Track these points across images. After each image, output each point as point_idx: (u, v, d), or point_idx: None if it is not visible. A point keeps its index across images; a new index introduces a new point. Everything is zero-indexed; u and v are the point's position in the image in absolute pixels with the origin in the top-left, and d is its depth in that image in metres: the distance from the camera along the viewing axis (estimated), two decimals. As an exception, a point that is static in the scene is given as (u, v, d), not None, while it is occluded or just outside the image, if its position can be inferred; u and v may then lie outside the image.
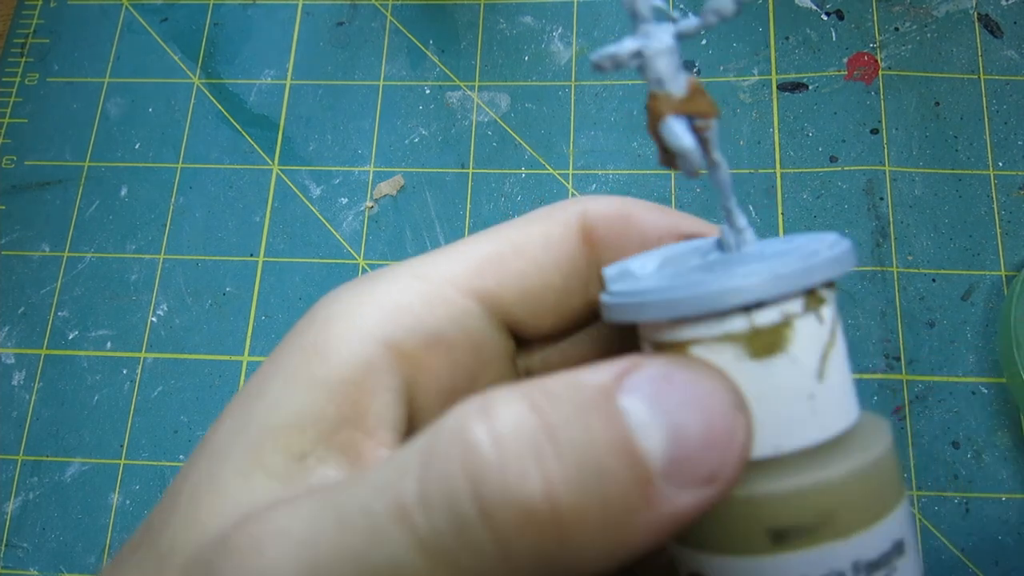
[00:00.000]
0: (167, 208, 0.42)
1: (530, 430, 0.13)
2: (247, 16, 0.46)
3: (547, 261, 0.18)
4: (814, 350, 0.15)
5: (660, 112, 0.16)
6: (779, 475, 0.15)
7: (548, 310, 0.19)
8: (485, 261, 0.18)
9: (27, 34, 0.46)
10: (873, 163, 0.40)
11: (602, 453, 0.13)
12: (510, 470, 0.13)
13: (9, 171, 0.43)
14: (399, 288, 0.18)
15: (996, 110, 0.40)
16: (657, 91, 0.16)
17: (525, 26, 0.44)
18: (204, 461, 0.16)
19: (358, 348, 0.16)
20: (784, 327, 0.15)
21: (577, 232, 0.19)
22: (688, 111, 0.16)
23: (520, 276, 0.18)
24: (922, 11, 0.42)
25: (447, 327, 0.17)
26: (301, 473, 0.15)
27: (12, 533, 0.37)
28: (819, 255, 0.15)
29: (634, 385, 0.14)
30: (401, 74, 0.44)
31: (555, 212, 0.19)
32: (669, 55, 0.16)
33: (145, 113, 0.44)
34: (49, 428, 0.39)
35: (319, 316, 0.17)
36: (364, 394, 0.16)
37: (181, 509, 0.15)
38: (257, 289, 0.41)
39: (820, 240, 0.16)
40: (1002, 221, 0.39)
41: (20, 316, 0.41)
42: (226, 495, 0.15)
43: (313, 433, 0.16)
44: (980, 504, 0.35)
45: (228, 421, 0.16)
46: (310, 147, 0.43)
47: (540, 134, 0.42)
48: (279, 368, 0.17)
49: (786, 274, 0.14)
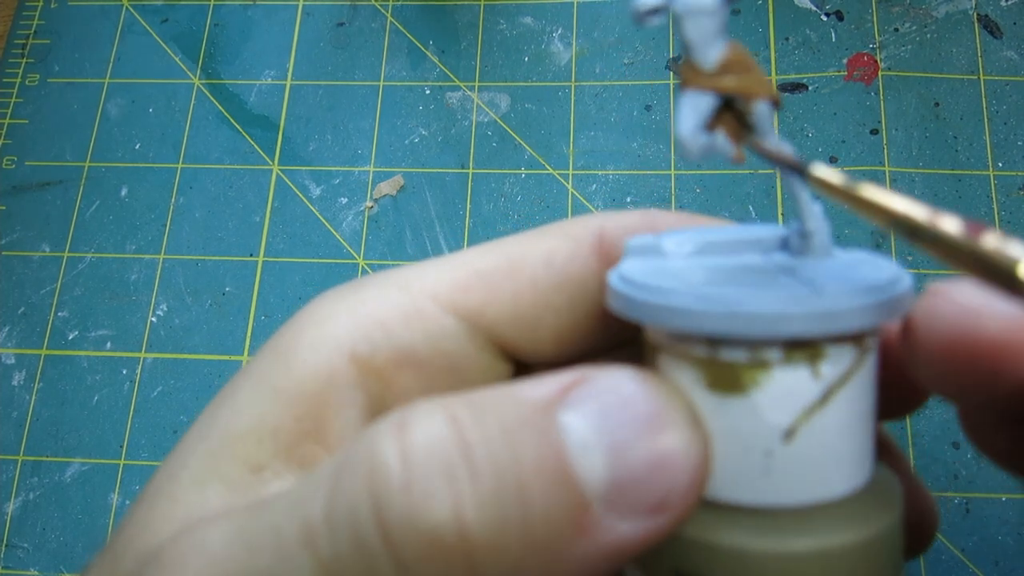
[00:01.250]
0: (167, 208, 0.42)
1: (444, 448, 0.12)
2: (247, 17, 0.46)
3: (547, 281, 0.17)
4: (788, 407, 0.13)
5: (684, 82, 0.14)
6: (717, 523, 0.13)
7: (547, 333, 0.17)
8: (475, 276, 0.17)
9: (28, 35, 0.46)
10: (873, 164, 0.40)
11: (527, 475, 0.12)
12: (415, 491, 0.12)
13: (9, 171, 0.44)
14: (378, 299, 0.16)
15: (996, 111, 0.40)
16: (686, 57, 0.14)
17: (525, 26, 0.44)
18: (168, 466, 0.15)
19: (323, 360, 0.15)
20: (751, 369, 0.13)
21: (591, 249, 0.17)
22: (720, 88, 0.13)
23: (513, 295, 0.17)
24: (922, 12, 0.42)
25: (421, 344, 0.16)
26: (255, 485, 0.14)
27: (12, 533, 0.37)
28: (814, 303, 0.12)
29: (579, 399, 0.12)
30: (401, 74, 0.44)
31: (568, 227, 0.18)
32: (704, 17, 0.13)
33: (145, 113, 0.44)
34: (49, 428, 0.39)
35: (299, 321, 0.16)
36: (326, 408, 0.15)
37: (139, 514, 0.15)
38: (257, 289, 0.41)
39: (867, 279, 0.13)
40: (1002, 222, 0.39)
41: (20, 316, 0.41)
42: (180, 503, 0.14)
43: (271, 444, 0.15)
44: (980, 504, 0.35)
45: (196, 426, 0.16)
46: (310, 147, 0.43)
47: (540, 134, 0.42)
48: (251, 373, 0.16)
49: (754, 314, 0.12)
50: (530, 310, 0.17)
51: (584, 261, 0.17)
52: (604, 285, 0.17)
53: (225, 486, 0.14)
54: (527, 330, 0.17)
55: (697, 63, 0.13)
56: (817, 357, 0.13)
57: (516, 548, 0.12)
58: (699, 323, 0.12)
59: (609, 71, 0.43)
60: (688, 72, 0.13)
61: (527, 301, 0.17)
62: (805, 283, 0.13)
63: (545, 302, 0.17)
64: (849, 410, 0.13)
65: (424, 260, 0.18)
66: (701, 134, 0.14)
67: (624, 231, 0.17)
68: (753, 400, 0.13)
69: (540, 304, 0.17)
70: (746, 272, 0.14)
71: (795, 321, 0.12)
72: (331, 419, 0.15)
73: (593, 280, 0.17)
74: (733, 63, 0.13)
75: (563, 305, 0.17)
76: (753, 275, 0.14)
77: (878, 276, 0.13)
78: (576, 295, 0.17)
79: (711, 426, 0.13)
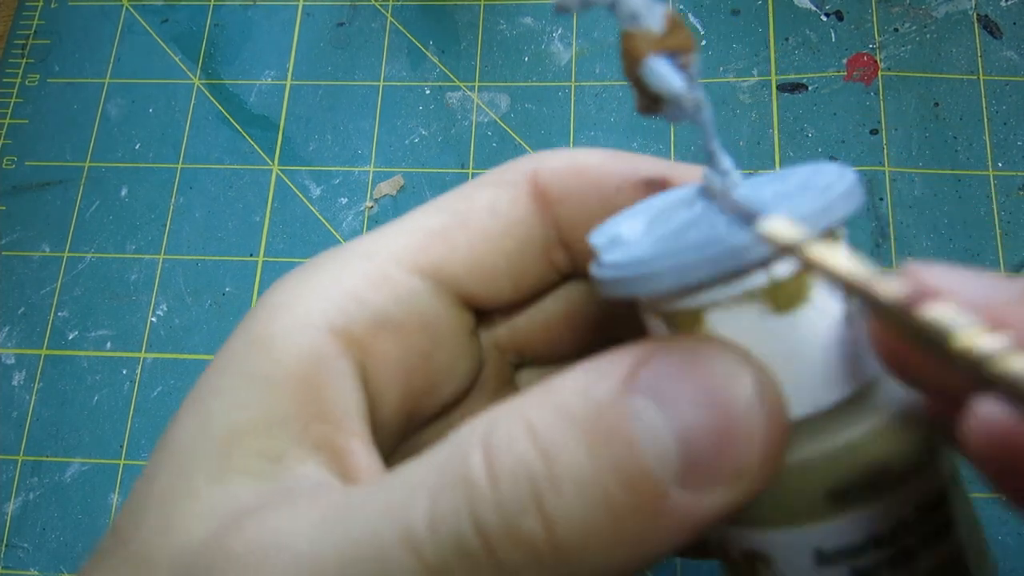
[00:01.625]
0: (167, 208, 0.42)
1: (526, 462, 0.13)
2: (247, 17, 0.46)
3: (496, 228, 0.18)
4: (836, 295, 0.14)
5: (639, 52, 0.14)
6: (825, 433, 0.14)
7: (504, 279, 0.18)
8: (430, 235, 0.17)
9: (28, 35, 0.46)
10: (872, 164, 0.40)
11: (605, 476, 0.12)
12: (507, 506, 0.12)
13: (10, 172, 0.44)
14: (344, 272, 0.17)
15: (996, 111, 0.40)
16: (632, 29, 0.14)
17: (525, 27, 0.44)
18: (169, 465, 0.15)
19: (306, 340, 0.16)
20: (804, 275, 0.14)
21: (528, 193, 0.18)
22: (670, 47, 0.14)
23: (468, 247, 0.17)
24: (921, 12, 0.42)
25: (394, 308, 0.17)
26: (281, 473, 0.15)
27: (12, 533, 0.37)
28: (833, 189, 0.13)
29: (644, 384, 0.13)
30: (401, 75, 0.44)
31: (503, 174, 0.18)
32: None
33: (145, 114, 0.44)
34: (49, 428, 0.39)
35: (265, 306, 0.17)
36: (321, 387, 0.16)
37: (152, 515, 0.15)
38: (257, 289, 0.41)
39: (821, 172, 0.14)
40: (1001, 222, 0.39)
41: (20, 316, 0.41)
42: (201, 499, 0.14)
43: (283, 433, 0.15)
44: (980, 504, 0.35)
45: (187, 421, 0.16)
46: (310, 147, 0.43)
47: (540, 135, 0.42)
48: (230, 364, 0.16)
49: (804, 216, 0.13)
50: (485, 258, 0.17)
51: (524, 205, 0.18)
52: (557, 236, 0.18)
53: (250, 478, 0.15)
54: (485, 277, 0.18)
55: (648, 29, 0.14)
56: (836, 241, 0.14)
57: (605, 544, 0.12)
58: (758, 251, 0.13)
59: (609, 71, 0.43)
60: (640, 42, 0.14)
61: (481, 250, 0.17)
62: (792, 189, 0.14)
63: (497, 248, 0.18)
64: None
65: (375, 229, 0.18)
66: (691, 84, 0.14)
67: (554, 173, 0.18)
68: (816, 301, 0.14)
69: (493, 251, 0.18)
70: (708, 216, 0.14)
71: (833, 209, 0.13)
72: (330, 396, 0.16)
73: (534, 220, 0.18)
74: (672, 23, 0.14)
75: (512, 248, 0.18)
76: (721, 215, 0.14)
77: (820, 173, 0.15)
78: (523, 238, 0.18)
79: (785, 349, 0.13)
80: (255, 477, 0.15)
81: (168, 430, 0.16)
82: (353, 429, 0.16)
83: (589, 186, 0.18)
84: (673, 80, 0.14)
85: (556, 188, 0.18)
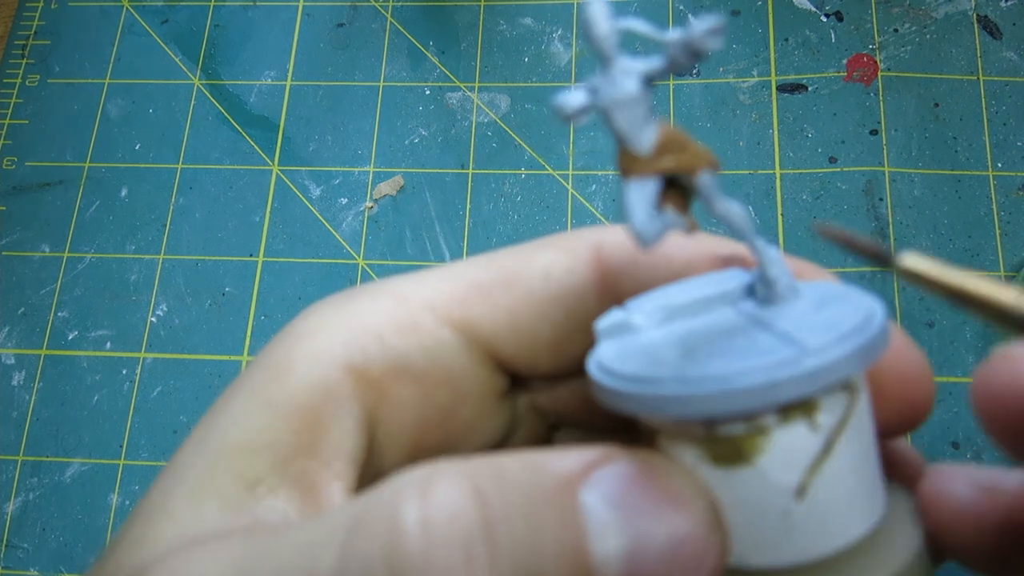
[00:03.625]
0: (167, 208, 0.42)
1: (466, 521, 0.12)
2: (248, 18, 0.46)
3: (546, 295, 0.16)
4: (794, 464, 0.13)
5: (624, 173, 0.13)
6: None
7: (544, 348, 0.17)
8: (473, 289, 0.16)
9: (28, 36, 0.46)
10: (872, 164, 0.40)
11: (545, 556, 0.12)
12: (433, 563, 0.11)
13: (10, 172, 0.44)
14: (373, 309, 0.16)
15: (995, 111, 0.40)
16: (621, 148, 0.13)
17: (525, 27, 0.44)
18: (164, 480, 0.15)
19: (318, 372, 0.15)
20: (751, 438, 0.13)
21: (589, 263, 0.17)
22: (661, 170, 0.13)
23: (509, 309, 0.16)
24: (921, 12, 0.42)
25: (417, 356, 0.16)
26: (250, 502, 0.14)
27: (12, 533, 0.37)
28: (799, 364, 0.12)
29: (601, 480, 0.12)
30: (401, 75, 0.44)
31: (566, 240, 0.17)
32: (631, 106, 0.13)
33: (145, 114, 0.44)
34: (49, 428, 0.39)
35: (292, 332, 0.16)
36: (322, 421, 0.15)
37: (134, 529, 0.14)
38: (257, 289, 0.41)
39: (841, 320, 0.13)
40: (1001, 222, 0.39)
41: (20, 316, 0.41)
42: (175, 519, 0.14)
43: (267, 459, 0.15)
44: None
45: (191, 439, 0.16)
46: (310, 148, 0.43)
47: (540, 135, 0.42)
48: (244, 385, 0.16)
49: (747, 389, 0.12)
50: (527, 323, 0.16)
51: (582, 275, 0.17)
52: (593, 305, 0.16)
53: (220, 502, 0.14)
54: (524, 343, 0.17)
55: (634, 151, 0.13)
56: (812, 410, 0.13)
57: None
58: (693, 408, 0.12)
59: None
60: (626, 162, 0.13)
61: (524, 314, 0.16)
62: (784, 338, 0.13)
63: (542, 315, 0.16)
64: (852, 451, 0.13)
65: (419, 271, 0.17)
66: (655, 220, 0.13)
67: (622, 248, 0.17)
68: (759, 467, 0.13)
69: (537, 317, 0.16)
70: (722, 335, 0.14)
71: (787, 387, 0.12)
72: (327, 432, 0.15)
73: (590, 294, 0.17)
74: (668, 143, 0.13)
75: (560, 319, 0.16)
76: (729, 337, 0.13)
77: (853, 315, 0.13)
78: (573, 309, 0.17)
79: (724, 499, 0.13)
80: (224, 503, 0.14)
81: (186, 439, 0.16)
82: (339, 470, 0.15)
83: (657, 263, 0.16)
84: (633, 214, 0.13)
85: (620, 260, 0.17)
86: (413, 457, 0.17)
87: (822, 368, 0.12)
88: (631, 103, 0.13)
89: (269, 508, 0.14)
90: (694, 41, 0.12)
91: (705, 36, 0.12)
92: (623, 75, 0.13)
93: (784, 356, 0.12)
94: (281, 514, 0.14)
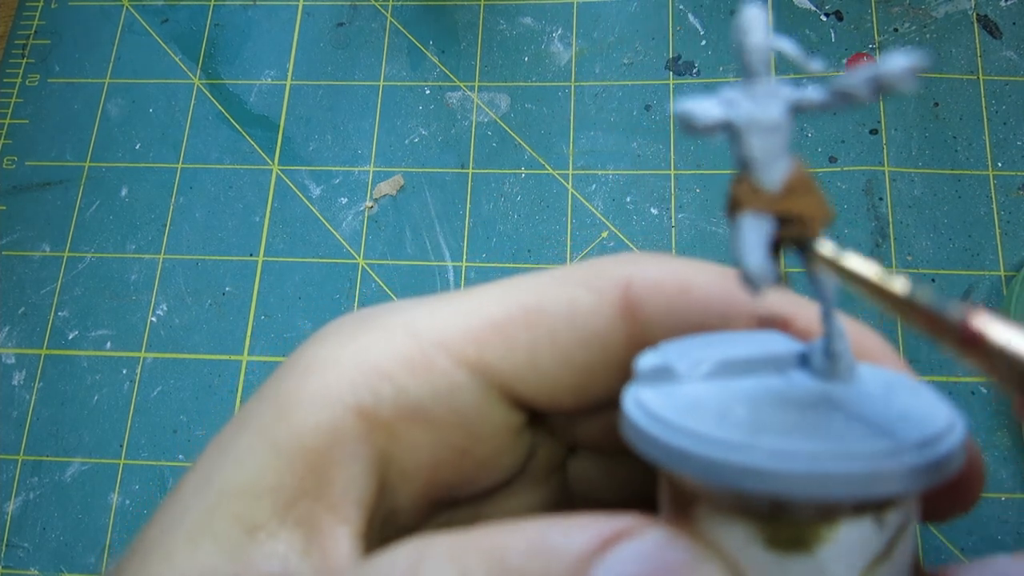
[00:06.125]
0: (167, 208, 0.42)
1: None
2: (247, 17, 0.46)
3: (568, 336, 0.15)
4: (854, 561, 0.12)
5: (740, 203, 0.12)
6: None
7: (565, 391, 0.16)
8: (490, 327, 0.16)
9: (28, 35, 0.46)
10: (872, 164, 0.40)
11: None
12: None
13: (10, 172, 0.44)
14: (384, 347, 0.15)
15: (995, 111, 0.40)
16: (743, 175, 0.12)
17: (525, 27, 0.44)
18: (163, 516, 0.15)
19: (326, 414, 0.15)
20: (818, 526, 0.11)
21: (616, 303, 0.16)
22: (781, 211, 0.12)
23: (529, 351, 0.15)
24: (921, 12, 0.42)
25: (431, 400, 0.15)
26: (250, 547, 0.14)
27: (12, 533, 0.37)
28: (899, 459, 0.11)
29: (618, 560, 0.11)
30: (401, 74, 0.44)
31: (591, 275, 0.16)
32: (771, 133, 0.12)
33: (145, 114, 0.44)
34: (49, 428, 0.39)
35: (300, 364, 0.16)
36: (329, 465, 0.14)
37: (131, 567, 0.14)
38: (257, 289, 0.41)
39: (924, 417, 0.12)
40: (1001, 221, 0.39)
41: (20, 316, 0.41)
42: (171, 561, 0.14)
43: (269, 503, 0.14)
44: (980, 504, 0.35)
45: (191, 477, 0.15)
46: (310, 147, 0.43)
47: (540, 134, 0.42)
48: (248, 422, 0.15)
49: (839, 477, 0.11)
50: (548, 366, 0.16)
51: (608, 317, 0.16)
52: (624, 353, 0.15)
53: (218, 547, 0.14)
54: (544, 385, 0.16)
55: (758, 183, 0.12)
56: (887, 508, 0.12)
57: None
58: (772, 485, 0.11)
59: (609, 71, 0.43)
60: (747, 193, 0.12)
61: (545, 357, 0.16)
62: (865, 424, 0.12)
63: (565, 358, 0.16)
64: (907, 553, 0.12)
65: (434, 297, 0.16)
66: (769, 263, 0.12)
67: (653, 287, 0.15)
68: (818, 557, 0.11)
69: (559, 360, 0.16)
70: (789, 405, 0.12)
71: (886, 482, 0.11)
72: (334, 476, 0.14)
73: (616, 337, 0.16)
74: (798, 184, 0.12)
75: (583, 361, 0.16)
76: (799, 410, 0.12)
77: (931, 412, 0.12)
78: (598, 352, 0.16)
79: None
80: (222, 547, 0.14)
81: (186, 473, 0.15)
82: (345, 515, 0.14)
83: (692, 310, 0.15)
84: (750, 256, 0.12)
85: (651, 305, 0.15)
86: (429, 492, 0.16)
87: (923, 468, 0.11)
88: (773, 130, 0.12)
89: (269, 554, 0.14)
90: (885, 78, 0.11)
91: (901, 75, 0.11)
92: (769, 96, 0.12)
93: (883, 448, 0.11)
94: (281, 560, 0.14)
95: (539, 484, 0.18)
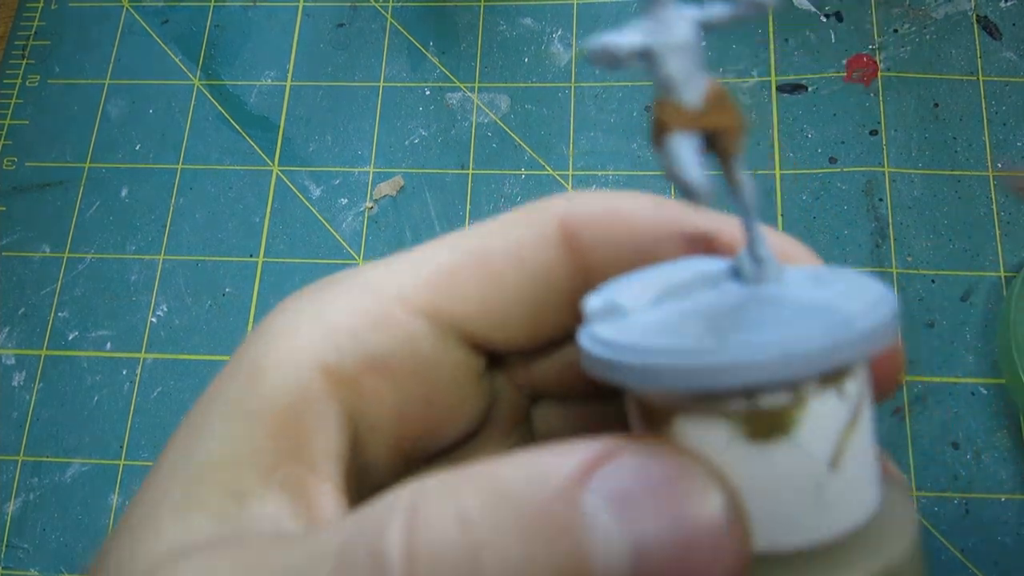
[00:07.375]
0: (167, 209, 0.42)
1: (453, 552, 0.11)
2: (247, 18, 0.46)
3: (515, 274, 0.16)
4: (828, 434, 0.12)
5: (666, 126, 0.12)
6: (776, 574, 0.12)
7: (518, 327, 0.17)
8: (442, 275, 0.16)
9: (28, 36, 0.46)
10: (872, 164, 0.40)
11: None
12: None
13: (10, 172, 0.44)
14: (343, 305, 0.16)
15: (995, 111, 0.40)
16: (665, 98, 0.12)
17: (525, 28, 0.44)
18: (147, 492, 0.15)
19: (293, 376, 0.15)
20: (791, 409, 0.12)
21: (555, 238, 0.16)
22: (704, 127, 0.13)
23: (480, 291, 0.16)
24: (921, 13, 0.42)
25: (392, 351, 0.16)
26: (239, 512, 0.14)
27: (12, 534, 0.37)
28: (852, 326, 0.12)
29: (603, 483, 0.11)
30: (401, 75, 0.44)
31: (530, 215, 0.17)
32: (685, 53, 0.12)
33: (145, 114, 0.44)
34: (49, 428, 0.39)
35: (263, 333, 0.16)
36: (302, 426, 0.15)
37: (121, 544, 0.14)
38: (257, 290, 0.41)
39: (859, 292, 0.13)
40: (1001, 222, 0.39)
41: (20, 317, 0.41)
42: (162, 533, 0.14)
43: (251, 470, 0.14)
44: (980, 505, 0.35)
45: (168, 455, 0.15)
46: (310, 148, 0.43)
47: (540, 135, 0.42)
48: (218, 396, 0.15)
49: (805, 353, 0.11)
50: (500, 305, 0.16)
51: (549, 251, 0.16)
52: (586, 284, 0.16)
53: (208, 515, 0.14)
54: (498, 324, 0.17)
55: (680, 103, 0.12)
56: (843, 377, 0.13)
57: None
58: (742, 376, 0.11)
59: (608, 72, 0.43)
60: (668, 113, 0.12)
61: (496, 296, 0.16)
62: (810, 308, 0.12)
63: (514, 296, 0.16)
64: (869, 420, 0.13)
65: (391, 256, 0.17)
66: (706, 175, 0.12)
67: (588, 217, 0.16)
68: (797, 439, 0.12)
69: (509, 299, 0.16)
70: (735, 311, 0.13)
71: (844, 350, 0.12)
72: (309, 436, 0.15)
73: (560, 269, 0.16)
74: (715, 99, 0.13)
75: (532, 297, 0.16)
76: (745, 312, 0.13)
77: (863, 288, 0.13)
78: (544, 286, 0.16)
79: (755, 479, 0.12)
80: (212, 515, 0.14)
81: (162, 452, 0.16)
82: (326, 472, 0.15)
83: (625, 235, 0.16)
84: (689, 170, 0.12)
85: (588, 234, 0.16)
86: (398, 444, 0.17)
87: (873, 331, 0.12)
88: (686, 49, 0.12)
89: (260, 517, 0.14)
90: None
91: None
92: (677, 19, 0.12)
93: (834, 320, 0.12)
94: (273, 521, 0.14)
95: (506, 436, 0.19)
